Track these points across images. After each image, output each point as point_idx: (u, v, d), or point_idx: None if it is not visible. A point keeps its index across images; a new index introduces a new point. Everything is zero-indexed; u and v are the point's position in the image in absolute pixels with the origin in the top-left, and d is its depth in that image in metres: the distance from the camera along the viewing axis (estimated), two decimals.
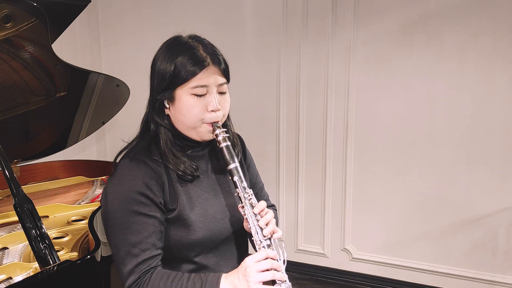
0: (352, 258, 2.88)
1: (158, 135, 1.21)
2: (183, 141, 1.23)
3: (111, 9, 3.25)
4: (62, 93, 2.07)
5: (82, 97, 2.17)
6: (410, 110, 2.59)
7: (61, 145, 2.32)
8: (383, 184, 2.72)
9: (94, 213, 1.68)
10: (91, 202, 2.02)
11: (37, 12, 1.68)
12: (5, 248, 1.57)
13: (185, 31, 1.25)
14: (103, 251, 1.46)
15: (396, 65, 2.57)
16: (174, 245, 1.19)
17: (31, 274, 1.36)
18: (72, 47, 3.21)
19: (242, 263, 1.11)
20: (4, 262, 1.46)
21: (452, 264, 2.64)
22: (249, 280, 1.07)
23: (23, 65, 1.85)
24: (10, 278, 1.36)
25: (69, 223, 1.83)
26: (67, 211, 1.93)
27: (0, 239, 1.61)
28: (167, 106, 1.19)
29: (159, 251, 1.16)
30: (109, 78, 2.20)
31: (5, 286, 1.25)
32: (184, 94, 1.15)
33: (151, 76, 1.22)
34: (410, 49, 2.53)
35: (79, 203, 2.02)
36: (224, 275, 1.11)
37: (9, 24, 1.68)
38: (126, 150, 1.25)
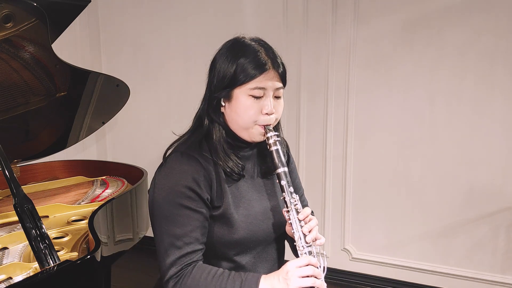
0: (352, 258, 2.88)
1: (211, 131, 1.23)
2: (234, 140, 1.25)
3: (111, 9, 3.25)
4: (62, 93, 2.07)
5: (82, 97, 2.17)
6: (410, 110, 2.59)
7: (61, 145, 2.32)
8: (383, 184, 2.72)
9: (94, 213, 1.68)
10: (91, 202, 2.02)
11: (37, 12, 1.68)
12: (5, 248, 1.57)
13: (246, 33, 1.30)
14: (103, 251, 1.46)
15: (396, 64, 2.57)
16: (216, 242, 1.21)
17: (31, 274, 1.36)
18: (72, 47, 3.21)
19: (283, 266, 1.12)
20: (4, 262, 1.46)
21: (452, 264, 2.64)
22: (289, 284, 1.09)
23: (23, 65, 1.85)
24: (10, 278, 1.36)
25: (69, 223, 1.83)
26: (67, 211, 1.93)
27: (0, 239, 1.60)
28: (223, 104, 1.22)
29: (202, 246, 1.18)
30: (109, 78, 2.20)
31: (5, 286, 1.25)
32: (242, 95, 1.18)
33: (209, 73, 1.24)
34: (410, 49, 2.53)
35: (79, 203, 2.02)
36: (263, 276, 1.13)
37: (9, 24, 1.68)
38: (177, 143, 1.27)
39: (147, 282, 2.83)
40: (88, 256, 1.33)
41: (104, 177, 2.39)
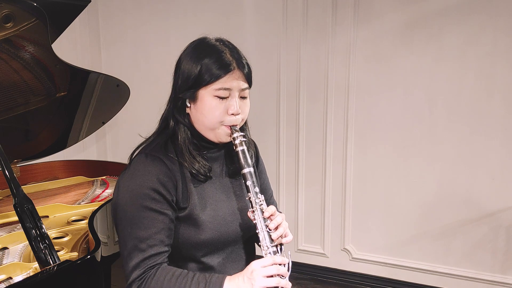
0: (352, 258, 2.88)
1: (176, 132, 1.22)
2: (200, 141, 1.24)
3: (111, 9, 3.25)
4: (62, 93, 2.07)
5: (82, 97, 2.17)
6: (410, 109, 2.59)
7: (61, 145, 2.31)
8: (383, 184, 2.72)
9: (94, 213, 1.68)
10: (91, 202, 2.02)
11: (37, 12, 1.68)
12: (5, 248, 1.57)
13: (210, 33, 1.27)
14: (103, 251, 1.46)
15: (396, 64, 2.58)
16: (183, 244, 1.20)
17: (31, 274, 1.36)
18: (72, 47, 3.21)
19: (248, 266, 1.12)
20: (4, 262, 1.46)
21: (452, 264, 2.64)
22: (253, 284, 1.08)
23: (23, 65, 1.84)
24: (10, 278, 1.36)
25: (69, 223, 1.83)
26: (67, 211, 1.93)
27: (0, 239, 1.61)
28: (189, 105, 1.21)
29: (166, 248, 1.17)
30: (109, 78, 2.20)
31: (5, 286, 1.25)
32: (207, 95, 1.16)
33: (174, 74, 1.23)
34: (410, 49, 2.53)
35: (79, 203, 2.02)
36: (228, 277, 1.12)
37: (9, 24, 1.68)
38: (143, 146, 1.26)
39: None
40: (88, 256, 1.33)
41: (104, 177, 2.39)
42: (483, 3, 2.34)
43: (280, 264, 1.12)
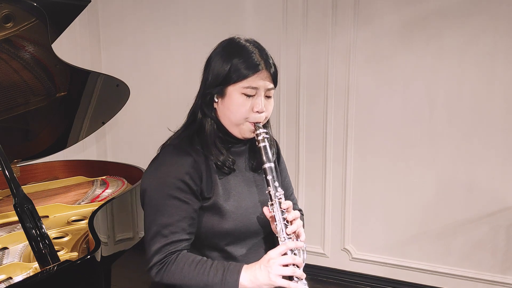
0: (352, 258, 2.88)
1: (204, 124, 1.29)
2: (225, 135, 1.30)
3: (111, 9, 3.26)
4: (62, 93, 2.07)
5: (82, 97, 2.17)
6: (410, 109, 2.59)
7: (61, 145, 2.32)
8: (383, 184, 2.72)
9: (94, 213, 1.68)
10: (91, 202, 2.02)
11: (37, 12, 1.68)
12: (5, 248, 1.57)
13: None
14: (103, 251, 1.46)
15: (396, 64, 2.58)
16: (206, 232, 1.25)
17: (31, 274, 1.36)
18: (72, 47, 3.21)
19: (265, 255, 1.17)
20: (4, 262, 1.46)
21: (452, 264, 2.64)
22: (270, 271, 1.13)
23: (23, 65, 1.85)
24: (10, 278, 1.36)
25: (69, 223, 1.83)
26: (67, 211, 1.93)
27: (0, 239, 1.61)
28: (216, 100, 1.27)
29: (188, 237, 1.22)
30: (109, 78, 2.20)
31: (5, 286, 1.25)
32: (234, 92, 1.22)
33: (204, 70, 1.29)
34: (410, 49, 2.53)
35: (79, 203, 2.02)
36: (245, 266, 1.17)
37: (9, 24, 1.68)
38: (171, 138, 1.32)
39: (147, 282, 2.83)
40: (88, 256, 1.33)
41: (104, 177, 2.39)
42: (483, 4, 2.34)
43: (293, 251, 1.16)
